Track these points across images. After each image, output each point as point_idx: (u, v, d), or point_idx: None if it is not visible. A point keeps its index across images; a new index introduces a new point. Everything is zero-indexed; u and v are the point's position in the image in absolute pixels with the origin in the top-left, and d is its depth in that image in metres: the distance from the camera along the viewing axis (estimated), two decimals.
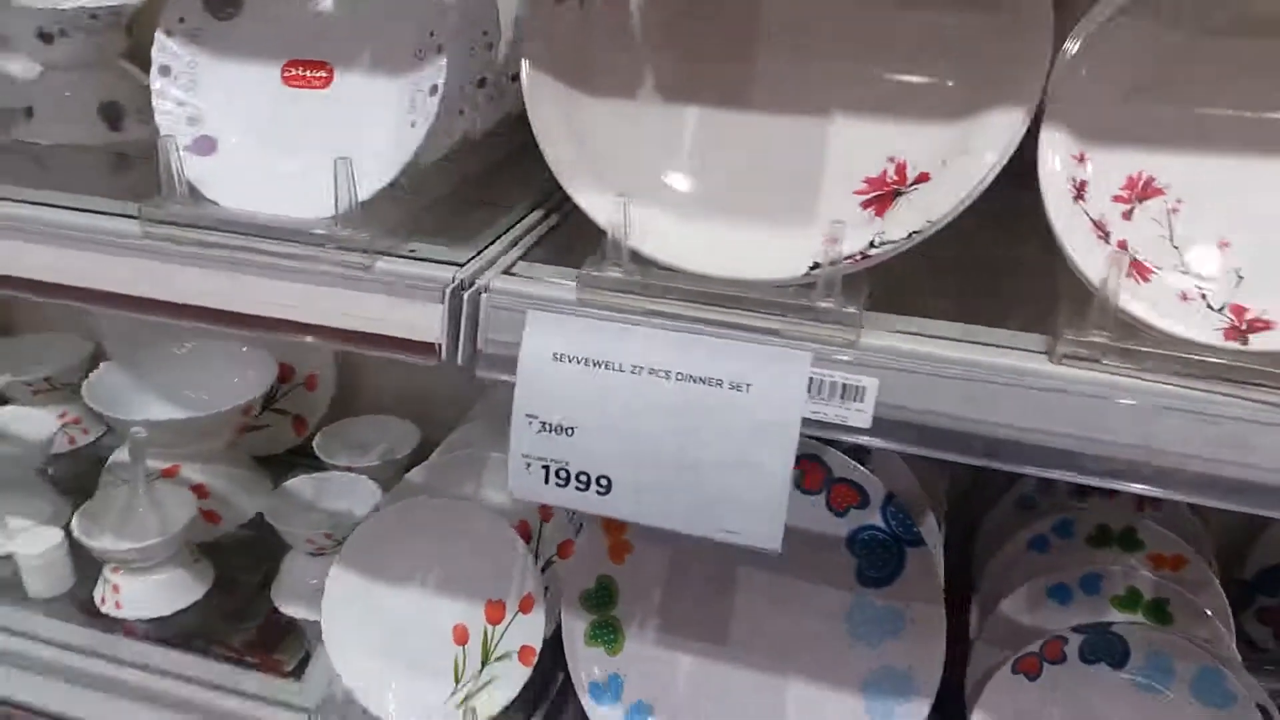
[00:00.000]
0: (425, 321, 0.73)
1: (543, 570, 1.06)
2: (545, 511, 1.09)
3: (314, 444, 1.29)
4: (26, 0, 1.00)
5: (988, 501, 1.09)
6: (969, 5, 0.66)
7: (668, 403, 0.68)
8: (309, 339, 0.77)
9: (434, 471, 1.13)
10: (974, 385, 0.62)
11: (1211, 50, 0.63)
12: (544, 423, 0.70)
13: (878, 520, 0.90)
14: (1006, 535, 1.03)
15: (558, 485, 0.71)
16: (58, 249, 0.82)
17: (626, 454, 0.69)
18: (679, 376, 0.67)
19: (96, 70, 1.03)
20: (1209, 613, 0.89)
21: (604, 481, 0.70)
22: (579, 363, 0.69)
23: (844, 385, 0.64)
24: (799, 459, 0.90)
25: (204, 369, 1.30)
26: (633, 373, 0.68)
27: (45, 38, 1.00)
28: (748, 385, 0.66)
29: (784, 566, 0.94)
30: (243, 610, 1.18)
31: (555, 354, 0.70)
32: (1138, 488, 0.60)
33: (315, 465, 1.27)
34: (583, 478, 0.70)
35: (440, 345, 0.72)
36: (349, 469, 1.25)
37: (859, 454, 0.94)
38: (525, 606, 0.99)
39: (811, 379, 0.65)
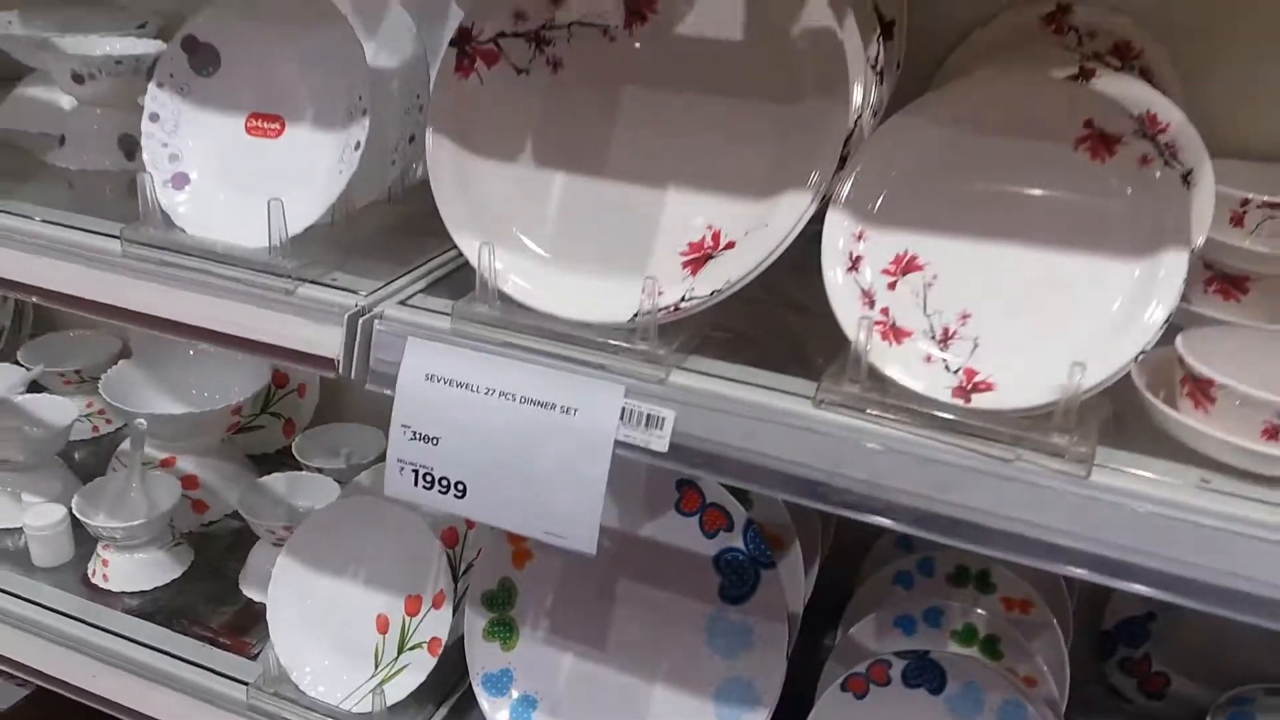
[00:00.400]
0: (329, 340, 0.87)
1: (465, 571, 1.19)
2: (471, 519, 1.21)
3: (293, 446, 1.45)
4: (66, 46, 1.19)
5: (871, 539, 1.18)
6: (780, 98, 0.78)
7: (512, 422, 0.80)
8: (242, 351, 0.92)
9: (379, 475, 1.26)
10: (749, 421, 0.73)
11: (972, 146, 0.74)
12: (415, 432, 0.83)
13: (739, 543, 1.01)
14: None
15: (424, 488, 0.84)
16: (57, 260, 0.98)
17: (478, 464, 0.82)
18: (522, 400, 0.80)
19: (119, 108, 1.20)
20: (1035, 653, 0.97)
21: (460, 486, 0.83)
22: (446, 383, 0.82)
23: (648, 415, 0.76)
24: (680, 484, 1.03)
25: (208, 371, 1.47)
26: (486, 394, 0.81)
27: (78, 78, 1.18)
28: (575, 410, 0.78)
29: (660, 580, 1.05)
30: (223, 594, 1.32)
31: (428, 375, 0.83)
32: (872, 519, 0.70)
33: (298, 465, 1.43)
34: (444, 482, 0.83)
35: (338, 361, 0.86)
36: (319, 470, 1.40)
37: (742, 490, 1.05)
38: (437, 602, 1.11)
39: (624, 408, 0.77)
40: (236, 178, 0.96)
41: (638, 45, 0.84)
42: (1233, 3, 0.94)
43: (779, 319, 0.90)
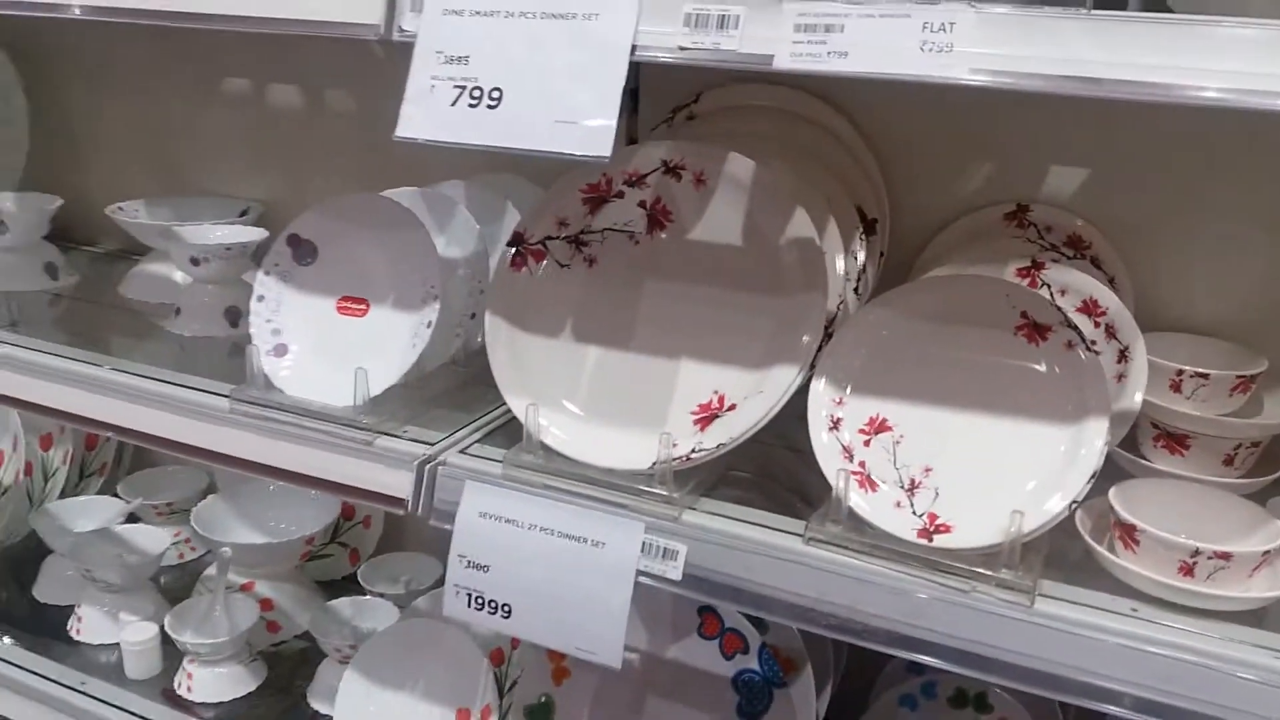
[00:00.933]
0: (401, 483, 1.03)
1: (510, 688, 1.32)
2: (515, 639, 1.35)
3: (358, 574, 1.60)
4: (186, 235, 1.42)
5: (884, 662, 1.29)
6: (772, 291, 0.96)
7: (551, 553, 0.95)
8: (329, 493, 1.09)
9: (436, 600, 1.41)
10: (749, 555, 0.88)
11: (931, 332, 0.90)
12: (470, 561, 0.99)
13: (755, 665, 1.13)
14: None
15: (476, 609, 0.99)
16: (171, 414, 1.17)
17: (521, 588, 0.97)
18: (559, 534, 0.95)
19: (226, 284, 1.42)
20: None
21: (507, 608, 0.98)
22: (497, 520, 0.98)
23: (664, 548, 0.91)
24: (701, 610, 1.17)
25: (285, 505, 1.64)
26: (530, 529, 0.96)
27: (195, 262, 1.40)
28: (603, 544, 0.93)
29: (684, 698, 1.17)
30: (292, 706, 1.46)
31: (481, 512, 0.99)
32: (850, 639, 0.83)
33: (362, 590, 1.58)
34: (493, 604, 0.98)
35: (408, 501, 1.03)
36: (381, 595, 1.55)
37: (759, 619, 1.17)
38: (484, 715, 1.24)
39: (644, 543, 0.91)
40: (328, 349, 1.15)
41: (657, 248, 1.03)
42: (1166, 204, 1.11)
43: (781, 460, 1.05)
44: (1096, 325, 0.99)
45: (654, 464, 0.94)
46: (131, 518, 1.70)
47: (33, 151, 1.76)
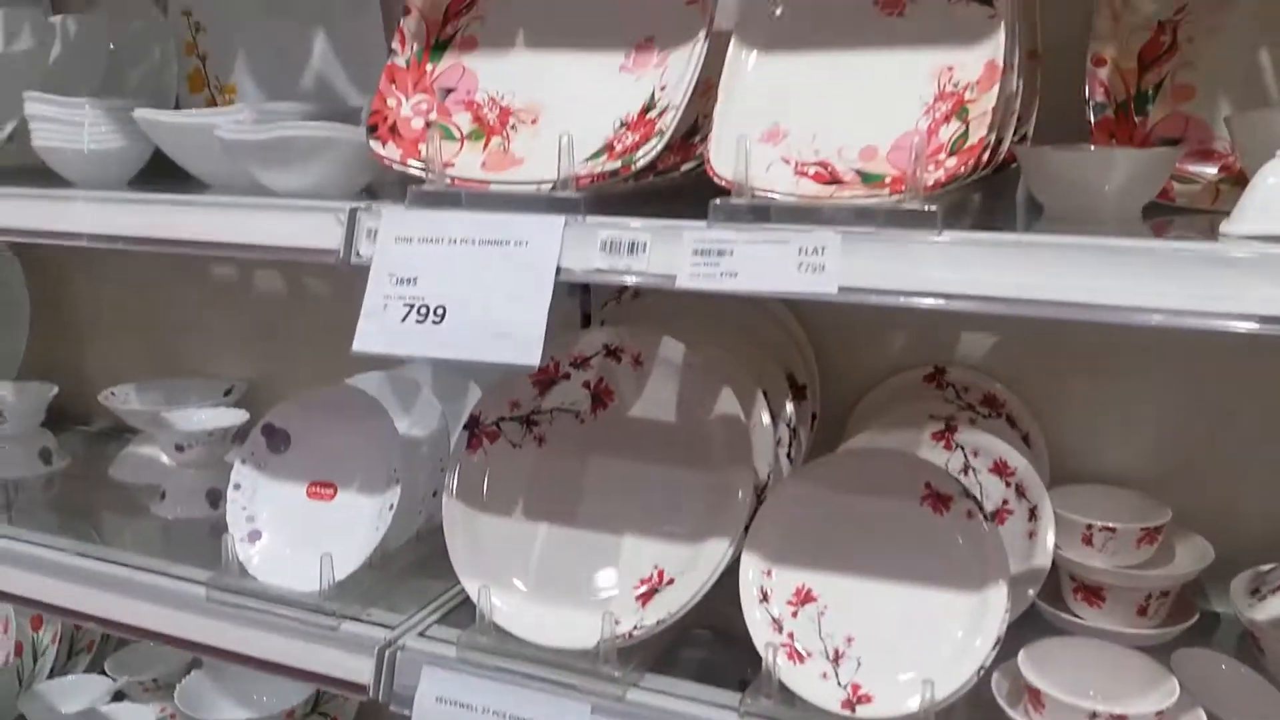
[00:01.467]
0: (363, 669, 1.08)
1: None
2: None
3: None
4: (173, 422, 1.50)
5: None
6: (703, 466, 1.04)
7: None
8: (296, 680, 1.14)
9: None
10: None
11: (846, 503, 0.97)
12: None
13: None
14: None
15: None
16: (149, 604, 1.23)
17: None
18: (509, 719, 1.00)
19: (209, 467, 1.50)
20: None
21: None
22: (452, 704, 1.03)
23: None
24: None
25: (267, 677, 1.66)
26: (483, 713, 1.01)
27: (179, 448, 1.48)
28: None
29: None
30: None
31: (438, 697, 1.03)
32: None
33: None
34: None
35: (370, 686, 1.07)
36: None
37: None
38: None
39: None
40: (298, 533, 1.21)
41: (601, 425, 1.11)
42: (1070, 364, 1.20)
43: (738, 619, 1.09)
44: (1007, 485, 1.06)
45: (598, 643, 0.99)
46: (118, 695, 1.73)
47: (31, 336, 1.87)
